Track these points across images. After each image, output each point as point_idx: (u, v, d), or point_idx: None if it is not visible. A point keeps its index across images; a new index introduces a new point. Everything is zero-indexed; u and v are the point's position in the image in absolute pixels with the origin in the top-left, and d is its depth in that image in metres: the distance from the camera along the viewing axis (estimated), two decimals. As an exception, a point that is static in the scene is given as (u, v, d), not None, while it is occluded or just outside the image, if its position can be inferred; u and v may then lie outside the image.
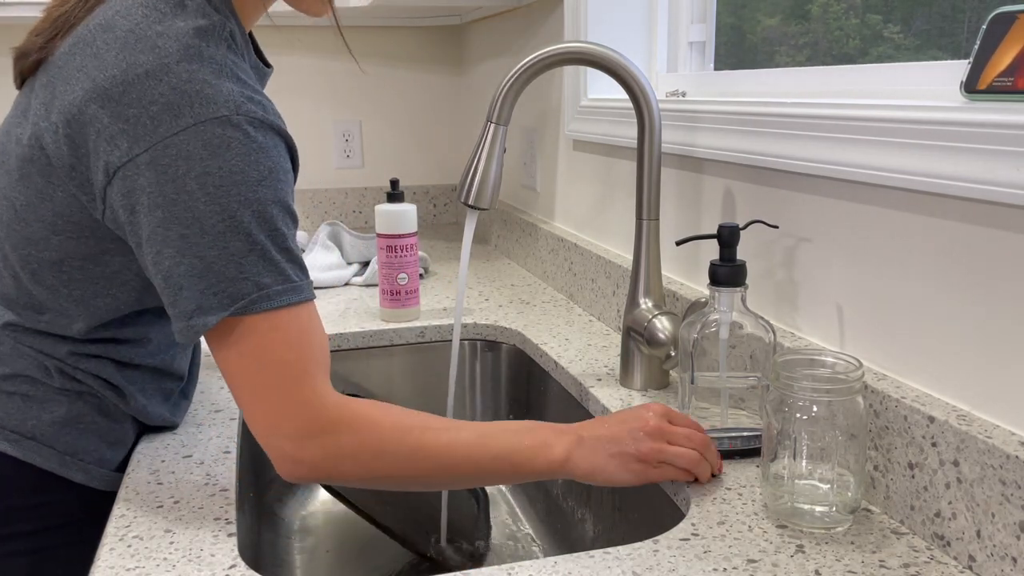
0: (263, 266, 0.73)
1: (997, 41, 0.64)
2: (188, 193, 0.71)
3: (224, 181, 0.72)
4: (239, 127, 0.72)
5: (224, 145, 0.72)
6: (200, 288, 0.72)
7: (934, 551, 0.69)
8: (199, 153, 0.71)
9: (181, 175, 0.71)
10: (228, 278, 0.72)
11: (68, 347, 0.84)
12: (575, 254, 1.43)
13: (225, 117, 0.72)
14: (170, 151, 0.71)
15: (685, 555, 0.69)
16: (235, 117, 0.72)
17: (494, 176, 0.96)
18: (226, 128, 0.72)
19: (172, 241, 0.72)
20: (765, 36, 1.22)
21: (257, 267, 0.73)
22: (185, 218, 0.72)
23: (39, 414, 0.83)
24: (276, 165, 0.75)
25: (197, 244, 0.72)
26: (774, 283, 0.95)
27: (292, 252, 0.76)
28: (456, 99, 2.31)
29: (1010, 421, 0.66)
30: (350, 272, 1.65)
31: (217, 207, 0.71)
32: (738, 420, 0.85)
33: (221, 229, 0.72)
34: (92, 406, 0.86)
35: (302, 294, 0.76)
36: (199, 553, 0.71)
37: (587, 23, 1.34)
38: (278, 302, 0.74)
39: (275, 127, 0.76)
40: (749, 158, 0.93)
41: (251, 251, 0.73)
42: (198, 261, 0.72)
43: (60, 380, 0.84)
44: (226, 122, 0.72)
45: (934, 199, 0.71)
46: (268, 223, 0.74)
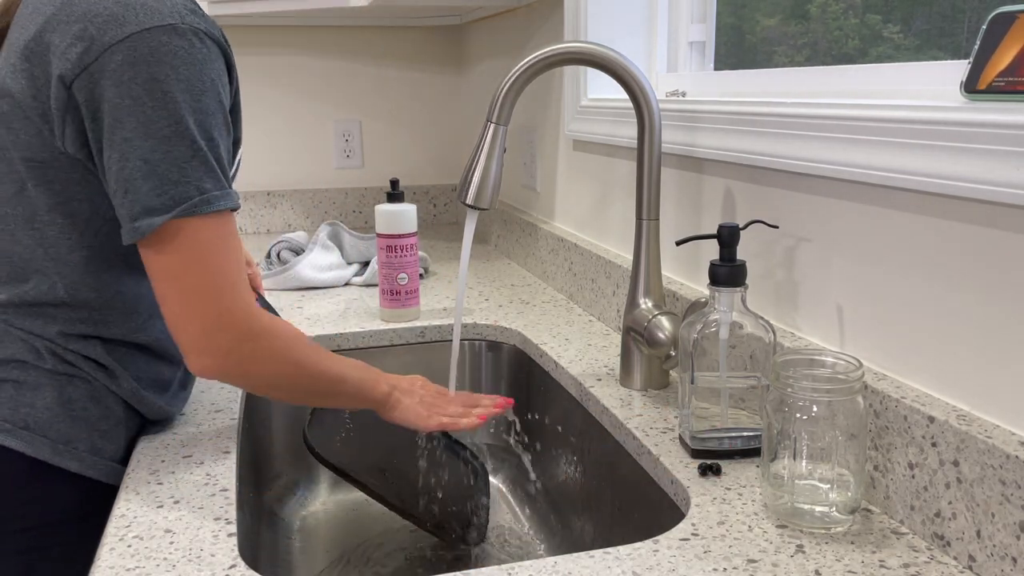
0: (204, 171, 0.77)
1: (997, 41, 0.64)
2: (134, 98, 0.75)
3: (170, 87, 0.75)
4: (184, 36, 0.76)
5: (171, 52, 0.75)
6: (145, 190, 0.76)
7: (934, 551, 0.69)
8: (146, 59, 0.74)
9: (128, 80, 0.74)
10: (172, 181, 0.76)
11: (57, 327, 0.85)
12: (575, 254, 1.43)
13: (171, 25, 0.76)
14: (116, 57, 0.74)
15: (685, 555, 0.69)
16: (180, 26, 0.76)
17: (494, 176, 0.96)
18: (172, 36, 0.75)
19: (117, 144, 0.76)
20: (765, 36, 1.22)
21: (199, 172, 0.77)
22: (130, 122, 0.75)
23: (32, 401, 0.83)
24: (216, 76, 0.79)
25: (141, 147, 0.75)
26: (774, 283, 0.95)
27: (223, 161, 0.81)
28: (456, 99, 2.31)
29: (1010, 421, 0.66)
30: (350, 272, 1.65)
31: (164, 112, 0.75)
32: (738, 420, 0.85)
33: (167, 134, 0.75)
34: (83, 392, 0.86)
35: (233, 201, 0.80)
36: (199, 553, 0.71)
37: (587, 23, 1.34)
38: (217, 206, 0.78)
39: (216, 39, 0.80)
40: (749, 158, 0.93)
41: (194, 156, 0.77)
42: (143, 163, 0.75)
43: (51, 362, 0.84)
44: (172, 30, 0.76)
45: (934, 199, 0.72)
46: (208, 130, 0.78)
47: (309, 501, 1.26)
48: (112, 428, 0.88)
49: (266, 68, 2.17)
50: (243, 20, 2.03)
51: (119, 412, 0.89)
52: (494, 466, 1.34)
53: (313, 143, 2.23)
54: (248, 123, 2.18)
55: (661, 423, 0.94)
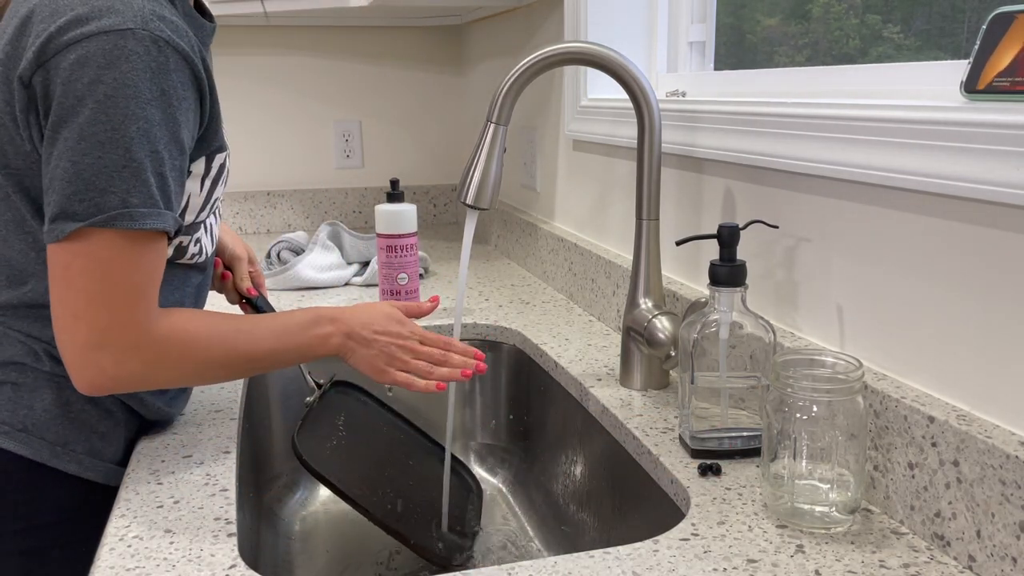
0: (133, 184, 0.74)
1: (997, 41, 0.64)
2: (77, 98, 0.72)
3: (115, 92, 0.72)
4: (141, 41, 0.73)
5: (123, 56, 0.73)
6: (68, 192, 0.73)
7: (934, 551, 0.69)
8: (96, 61, 0.72)
9: (74, 79, 0.72)
10: (97, 188, 0.73)
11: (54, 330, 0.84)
12: (575, 254, 1.43)
13: (129, 30, 0.73)
14: (70, 56, 0.72)
15: (685, 555, 0.69)
16: (140, 32, 0.73)
17: (494, 176, 0.96)
18: (128, 40, 0.73)
19: (56, 143, 0.74)
20: (765, 36, 1.22)
21: (127, 184, 0.74)
22: (70, 123, 0.73)
23: (30, 403, 0.83)
24: (172, 88, 0.75)
25: (74, 149, 0.73)
26: (774, 283, 0.95)
27: (166, 178, 0.77)
28: (456, 99, 2.31)
29: (1010, 421, 0.66)
30: (350, 272, 1.65)
31: (104, 116, 0.72)
32: (738, 420, 0.85)
33: (101, 139, 0.73)
34: (81, 394, 0.85)
35: (164, 222, 0.77)
36: (199, 553, 0.71)
37: (587, 23, 1.34)
38: (140, 224, 0.75)
39: (181, 51, 0.76)
40: (749, 158, 0.93)
41: (125, 167, 0.73)
42: (71, 166, 0.73)
43: (50, 364, 0.84)
44: (129, 35, 0.73)
45: (934, 199, 0.72)
46: (151, 143, 0.74)
47: (309, 501, 1.26)
48: (111, 430, 0.88)
49: (266, 68, 2.17)
50: (243, 20, 2.03)
51: (118, 414, 0.89)
52: (494, 466, 1.34)
53: (313, 143, 2.23)
54: (248, 123, 2.18)
55: (661, 423, 0.94)
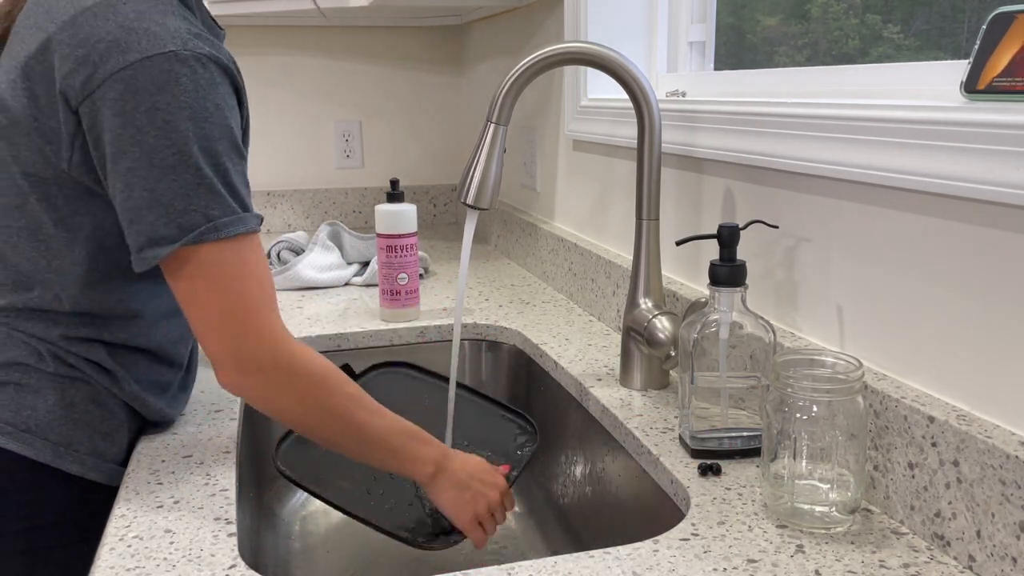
0: (211, 198, 0.76)
1: (997, 41, 0.64)
2: (137, 127, 0.74)
3: (172, 116, 0.74)
4: (186, 63, 0.75)
5: (172, 80, 0.74)
6: (150, 220, 0.75)
7: (934, 551, 0.69)
8: (147, 88, 0.74)
9: (130, 110, 0.74)
10: (178, 210, 0.75)
11: (60, 330, 0.85)
12: (575, 254, 1.43)
13: (172, 52, 0.74)
14: (118, 86, 0.74)
15: (685, 555, 0.69)
16: (182, 52, 0.75)
17: (494, 176, 0.96)
18: (173, 63, 0.74)
19: (121, 175, 0.75)
20: (765, 36, 1.22)
21: (205, 199, 0.76)
22: (133, 152, 0.74)
23: (33, 403, 0.83)
24: (222, 101, 0.78)
25: (146, 177, 0.75)
26: (774, 283, 0.95)
27: (235, 187, 0.79)
28: (456, 99, 2.31)
29: (1010, 421, 0.66)
30: (350, 272, 1.65)
31: (167, 141, 0.74)
32: (738, 420, 0.85)
33: (171, 163, 0.74)
34: (85, 394, 0.86)
35: (248, 224, 0.79)
36: (199, 553, 0.71)
37: (587, 23, 1.34)
38: (226, 232, 0.77)
39: (221, 64, 0.78)
40: (749, 158, 0.93)
41: (199, 184, 0.76)
42: (148, 194, 0.75)
43: (53, 365, 0.84)
44: (173, 57, 0.74)
45: (934, 199, 0.72)
46: (214, 157, 0.76)
47: (309, 501, 1.26)
48: (114, 430, 0.88)
49: (266, 68, 2.17)
50: (243, 20, 2.03)
51: (120, 415, 0.89)
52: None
53: (313, 143, 2.23)
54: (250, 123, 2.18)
55: (661, 423, 0.94)
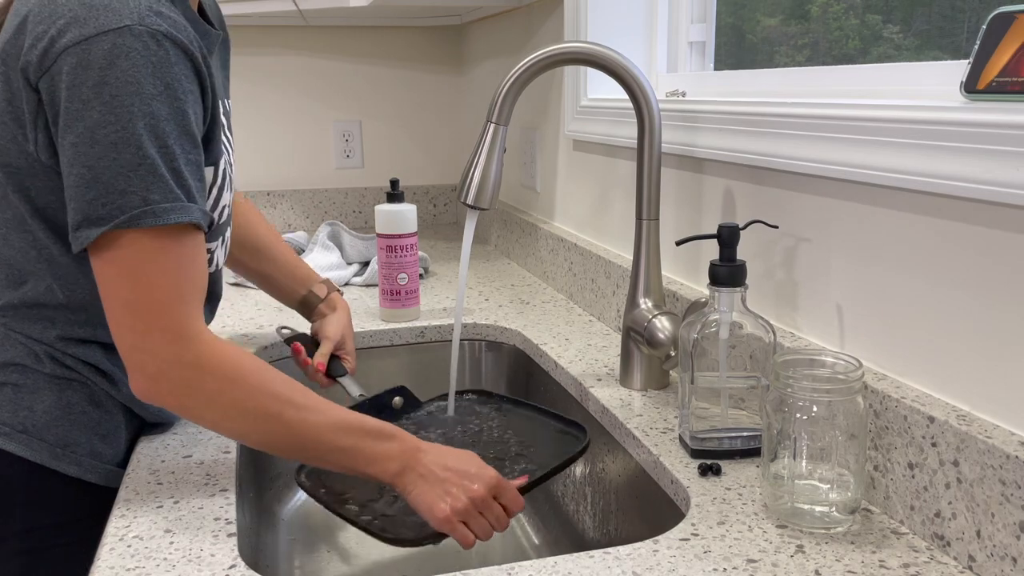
0: (151, 181, 0.73)
1: (997, 41, 0.64)
2: (83, 101, 0.72)
3: (119, 91, 0.72)
4: (140, 37, 0.72)
5: (123, 55, 0.72)
6: (88, 198, 0.73)
7: (934, 551, 0.69)
8: (98, 62, 0.71)
9: (78, 83, 0.72)
10: (116, 190, 0.72)
11: (57, 331, 0.85)
12: (575, 254, 1.43)
13: (127, 27, 0.72)
14: (71, 60, 0.72)
15: (685, 555, 0.69)
16: (136, 27, 0.72)
17: (494, 176, 0.96)
18: (126, 38, 0.72)
19: (67, 149, 0.73)
20: (765, 36, 1.22)
21: (145, 182, 0.73)
22: (78, 127, 0.72)
23: (31, 404, 0.83)
24: (175, 81, 0.74)
25: (86, 154, 0.72)
26: (774, 283, 0.95)
27: (181, 173, 0.75)
28: (456, 99, 2.31)
29: (1010, 421, 0.66)
30: (350, 272, 1.65)
31: (112, 116, 0.72)
32: (738, 420, 0.85)
33: (113, 140, 0.72)
34: (82, 396, 0.86)
35: (189, 215, 0.75)
36: (199, 553, 0.71)
37: (587, 23, 1.34)
38: (164, 219, 0.74)
39: (179, 43, 0.75)
40: (749, 158, 0.93)
41: (140, 165, 0.73)
42: (87, 171, 0.72)
43: (50, 366, 0.84)
44: (127, 32, 0.72)
45: (934, 199, 0.72)
46: (160, 138, 0.73)
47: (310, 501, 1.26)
48: (112, 432, 0.88)
49: (266, 68, 2.17)
50: (243, 20, 2.03)
51: (119, 416, 0.89)
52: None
53: (313, 143, 2.23)
54: (249, 123, 2.18)
55: (661, 423, 0.94)
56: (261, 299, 1.51)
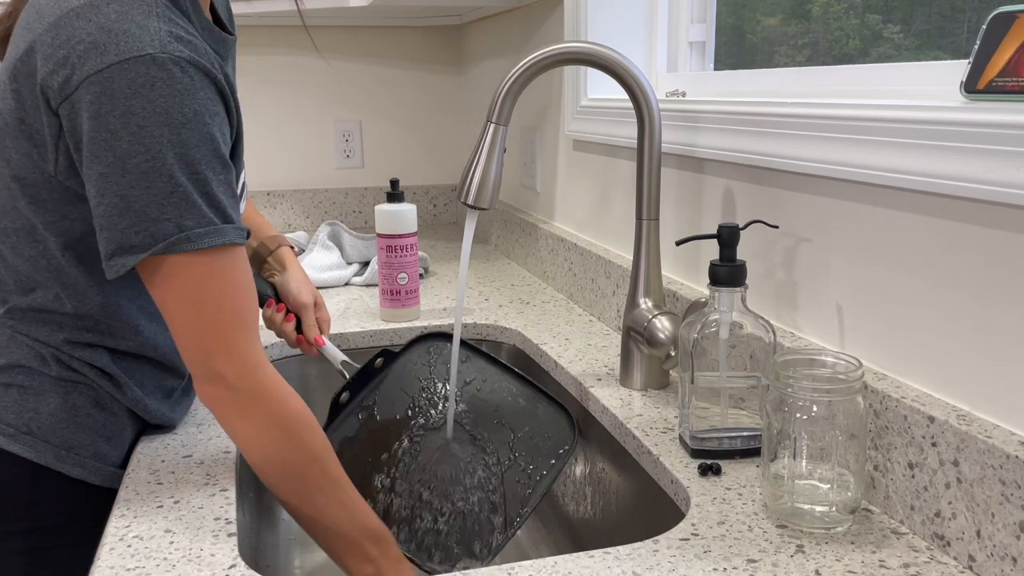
0: (185, 208, 0.74)
1: (997, 41, 0.64)
2: (111, 131, 0.72)
3: (147, 121, 0.72)
4: (163, 66, 0.72)
5: (148, 84, 0.72)
6: (121, 227, 0.73)
7: (934, 551, 0.69)
8: (123, 91, 0.71)
9: (104, 113, 0.71)
10: (150, 218, 0.73)
11: (64, 334, 0.85)
12: (575, 254, 1.43)
13: (150, 56, 0.72)
14: (94, 88, 0.71)
15: (685, 555, 0.69)
16: (160, 56, 0.72)
17: (494, 176, 0.96)
18: (150, 67, 0.72)
19: (94, 179, 0.73)
20: (765, 36, 1.22)
21: (179, 209, 0.73)
22: (107, 157, 0.72)
23: (36, 406, 0.83)
24: (202, 107, 0.75)
25: (118, 183, 0.72)
26: (774, 283, 0.95)
27: (215, 197, 0.76)
28: (456, 99, 2.31)
29: (1010, 421, 0.66)
30: (350, 272, 1.65)
31: (141, 147, 0.72)
32: (738, 420, 0.85)
33: (144, 169, 0.72)
34: (88, 398, 0.86)
35: (225, 236, 0.76)
36: (199, 553, 0.71)
37: (587, 23, 1.34)
38: (200, 244, 0.74)
39: (203, 68, 0.75)
40: (749, 158, 0.93)
41: (173, 193, 0.73)
42: (119, 200, 0.73)
43: (56, 369, 0.84)
44: (150, 61, 0.72)
45: (934, 199, 0.72)
46: (191, 166, 0.74)
47: (309, 501, 1.25)
48: (116, 434, 0.88)
49: (266, 68, 2.17)
50: (243, 20, 2.03)
51: (123, 419, 0.89)
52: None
53: (313, 143, 2.23)
54: (248, 123, 2.18)
55: (661, 423, 0.94)
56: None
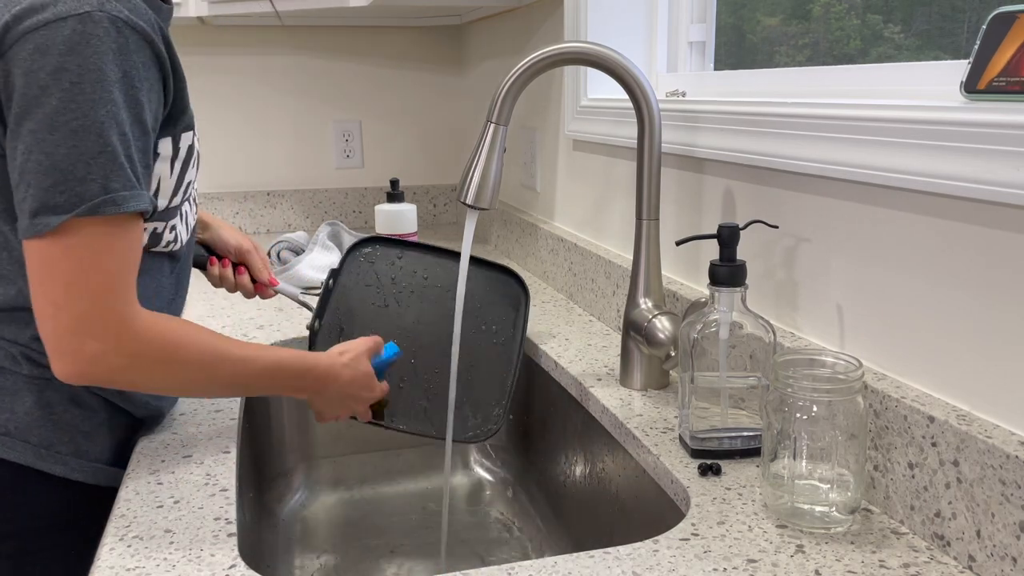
0: (111, 169, 0.73)
1: (997, 41, 0.64)
2: (41, 88, 0.71)
3: (79, 78, 0.71)
4: (99, 23, 0.72)
5: (83, 41, 0.71)
6: (46, 185, 0.72)
7: (934, 551, 0.69)
8: (57, 48, 0.71)
9: (36, 69, 0.71)
10: (76, 177, 0.72)
11: (31, 331, 0.83)
12: (575, 254, 1.43)
13: (87, 13, 0.72)
14: (28, 46, 0.71)
15: (685, 555, 0.69)
16: (97, 14, 0.72)
17: (494, 176, 0.96)
18: (86, 24, 0.71)
19: (24, 136, 0.72)
20: (765, 36, 1.22)
21: (105, 169, 0.73)
22: (37, 114, 0.71)
23: (11, 406, 0.83)
24: (134, 68, 0.74)
25: (45, 140, 0.71)
26: (774, 283, 0.95)
27: (134, 161, 0.75)
28: (456, 99, 2.31)
29: (1010, 421, 0.66)
30: (350, 272, 1.64)
31: (72, 104, 0.71)
32: (738, 420, 0.85)
33: (73, 127, 0.71)
34: (63, 394, 0.85)
35: (142, 203, 0.76)
36: (199, 553, 0.71)
37: (587, 23, 1.34)
38: (124, 207, 0.74)
39: (140, 30, 0.75)
40: (749, 158, 0.93)
41: (101, 153, 0.72)
42: (45, 158, 0.72)
43: (28, 367, 0.84)
44: (87, 18, 0.71)
45: (934, 199, 0.72)
46: (119, 126, 0.73)
47: (309, 501, 1.26)
48: (95, 429, 0.87)
49: (266, 68, 2.17)
50: (243, 20, 2.03)
51: (102, 413, 0.88)
52: (494, 466, 1.34)
53: (313, 143, 2.23)
54: (248, 123, 2.18)
55: (661, 423, 0.94)
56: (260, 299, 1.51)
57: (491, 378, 1.11)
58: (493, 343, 1.10)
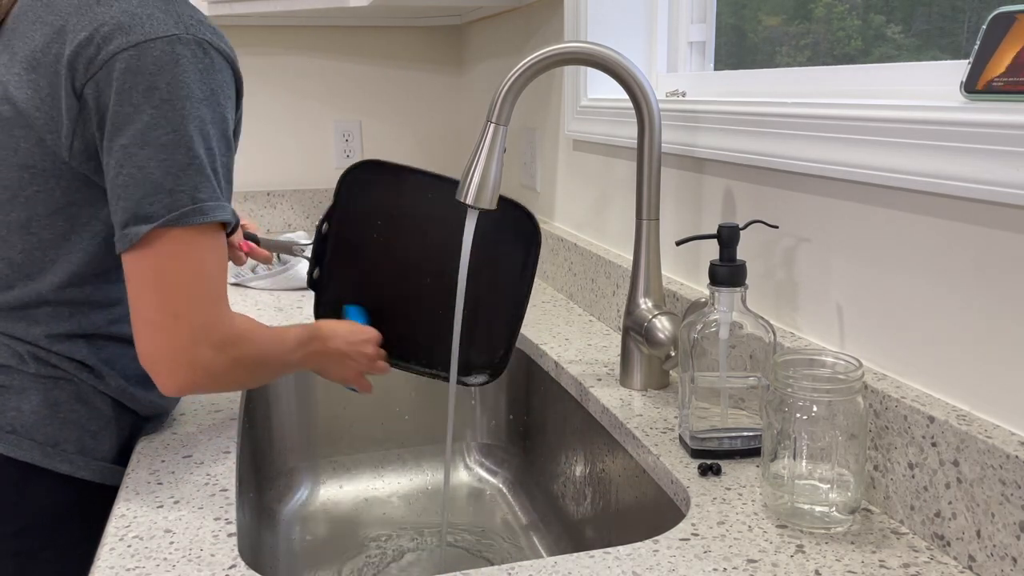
0: (199, 180, 0.77)
1: (997, 41, 0.64)
2: (134, 105, 0.75)
3: (170, 95, 0.75)
4: (188, 45, 0.77)
5: (172, 62, 0.76)
6: (137, 197, 0.76)
7: (934, 551, 0.69)
8: (148, 68, 0.75)
9: (128, 88, 0.75)
10: (165, 189, 0.76)
11: (40, 329, 0.85)
12: (575, 254, 1.43)
13: (175, 36, 0.76)
14: (119, 66, 0.75)
15: (685, 555, 0.69)
16: (184, 36, 0.77)
17: (494, 176, 0.96)
18: (175, 45, 0.76)
19: (115, 152, 0.76)
20: (766, 36, 1.22)
21: (193, 180, 0.77)
22: (129, 130, 0.75)
23: (18, 404, 0.83)
24: (219, 87, 0.79)
25: (137, 155, 0.75)
26: (774, 283, 0.95)
27: (219, 174, 0.80)
28: (456, 99, 2.31)
29: (1010, 421, 0.66)
30: (350, 272, 1.64)
31: (163, 119, 0.75)
32: (738, 420, 0.85)
33: (164, 141, 0.75)
34: (69, 393, 0.86)
35: (227, 213, 0.80)
36: (199, 553, 0.71)
37: (587, 23, 1.34)
38: (210, 216, 0.78)
39: (222, 51, 0.80)
40: (749, 158, 0.93)
41: (190, 165, 0.76)
42: (137, 171, 0.76)
43: (35, 366, 0.84)
44: (175, 40, 0.76)
45: (934, 199, 0.72)
46: (206, 141, 0.77)
47: (309, 501, 1.26)
48: (101, 428, 0.88)
49: (266, 68, 2.17)
50: (243, 20, 2.03)
51: (108, 411, 0.88)
52: (494, 466, 1.34)
53: (313, 143, 2.23)
54: (248, 123, 2.18)
55: (661, 423, 0.94)
56: (261, 299, 1.51)
57: (497, 319, 1.07)
58: (501, 282, 1.07)
